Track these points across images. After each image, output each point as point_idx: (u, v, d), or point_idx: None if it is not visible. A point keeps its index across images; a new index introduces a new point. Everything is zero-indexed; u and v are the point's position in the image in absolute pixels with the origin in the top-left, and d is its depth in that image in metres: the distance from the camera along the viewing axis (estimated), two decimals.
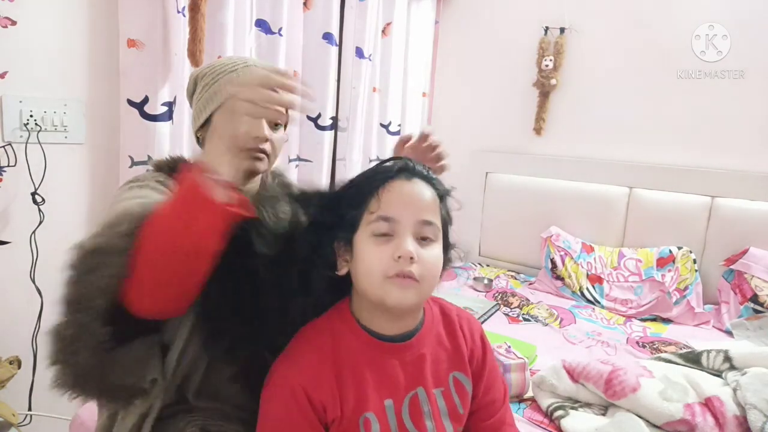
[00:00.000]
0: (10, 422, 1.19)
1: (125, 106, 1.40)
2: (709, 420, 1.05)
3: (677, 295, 1.88)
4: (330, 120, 2.08)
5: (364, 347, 0.73)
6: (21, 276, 1.31)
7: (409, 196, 0.71)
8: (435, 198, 0.73)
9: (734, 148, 2.02)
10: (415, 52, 2.51)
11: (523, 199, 2.42)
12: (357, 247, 0.71)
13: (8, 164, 1.26)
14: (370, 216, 0.70)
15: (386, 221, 0.69)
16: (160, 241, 0.67)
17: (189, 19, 1.42)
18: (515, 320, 1.83)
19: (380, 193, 0.70)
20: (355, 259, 0.71)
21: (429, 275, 0.70)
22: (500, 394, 0.83)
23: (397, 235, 0.69)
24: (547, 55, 2.32)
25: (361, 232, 0.71)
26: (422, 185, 0.73)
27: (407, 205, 0.70)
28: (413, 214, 0.70)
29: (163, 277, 0.67)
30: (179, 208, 0.67)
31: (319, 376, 0.70)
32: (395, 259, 0.67)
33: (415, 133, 1.03)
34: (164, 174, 0.92)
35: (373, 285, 0.69)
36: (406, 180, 0.72)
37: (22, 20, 1.24)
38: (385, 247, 0.69)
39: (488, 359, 0.83)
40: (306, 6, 1.94)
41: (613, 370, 1.16)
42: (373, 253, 0.69)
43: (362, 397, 0.70)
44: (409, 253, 0.67)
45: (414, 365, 0.75)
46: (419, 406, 0.74)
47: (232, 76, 0.92)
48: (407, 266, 0.67)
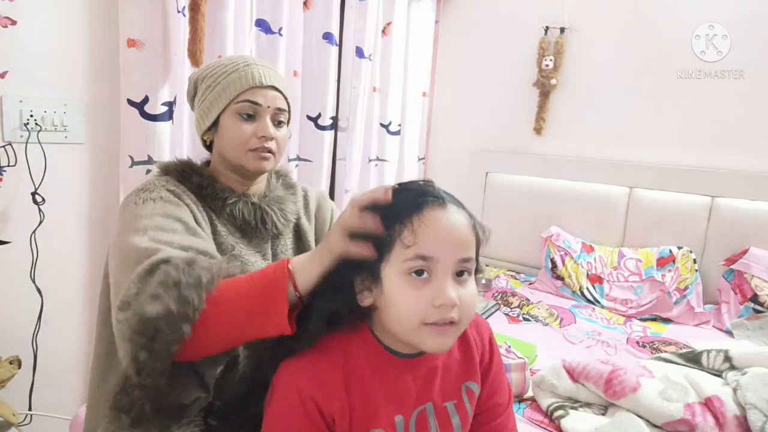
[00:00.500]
0: (11, 422, 1.19)
1: (125, 106, 1.40)
2: (709, 420, 1.05)
3: (677, 294, 1.88)
4: (330, 120, 2.08)
5: (376, 361, 0.69)
6: (21, 276, 1.31)
7: (447, 232, 0.63)
8: (471, 228, 0.66)
9: (734, 148, 2.02)
10: (415, 51, 2.51)
11: (523, 199, 2.42)
12: (387, 283, 0.64)
13: (8, 164, 1.26)
14: (404, 251, 0.62)
15: (424, 260, 0.62)
16: (219, 313, 0.69)
17: (189, 19, 1.42)
18: (515, 320, 1.83)
19: (414, 225, 0.62)
20: (386, 297, 0.64)
21: (467, 316, 0.65)
22: (504, 398, 0.82)
23: (435, 276, 0.62)
24: (548, 54, 2.32)
25: (391, 266, 0.63)
26: (458, 214, 0.65)
27: (446, 242, 0.63)
28: (454, 252, 0.63)
29: (213, 347, 0.73)
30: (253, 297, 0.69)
31: (329, 387, 0.67)
32: (435, 307, 0.61)
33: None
34: (173, 179, 0.92)
35: (408, 330, 0.63)
36: (440, 209, 0.64)
37: (22, 20, 1.24)
38: (423, 291, 0.62)
39: (495, 362, 0.81)
40: (306, 6, 1.94)
41: (613, 369, 1.16)
42: (409, 297, 0.62)
43: (372, 413, 0.68)
44: (453, 300, 0.61)
45: (425, 379, 0.72)
46: (426, 421, 0.72)
47: (234, 77, 0.93)
48: (449, 313, 0.62)
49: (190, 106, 1.03)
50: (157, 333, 0.66)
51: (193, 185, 0.93)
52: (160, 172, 0.95)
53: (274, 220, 0.98)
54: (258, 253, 0.97)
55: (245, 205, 0.95)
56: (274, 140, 0.94)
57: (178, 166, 0.95)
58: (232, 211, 0.93)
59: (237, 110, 0.92)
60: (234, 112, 0.93)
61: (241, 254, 0.93)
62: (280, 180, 1.09)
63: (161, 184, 0.89)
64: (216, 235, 0.91)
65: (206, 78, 0.95)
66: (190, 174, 0.94)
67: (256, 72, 0.93)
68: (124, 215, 0.84)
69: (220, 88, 0.92)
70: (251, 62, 0.95)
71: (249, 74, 0.92)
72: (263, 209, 0.97)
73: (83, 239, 1.43)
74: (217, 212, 0.94)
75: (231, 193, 0.94)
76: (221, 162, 0.97)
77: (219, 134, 0.95)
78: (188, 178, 0.93)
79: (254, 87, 0.92)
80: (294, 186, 1.10)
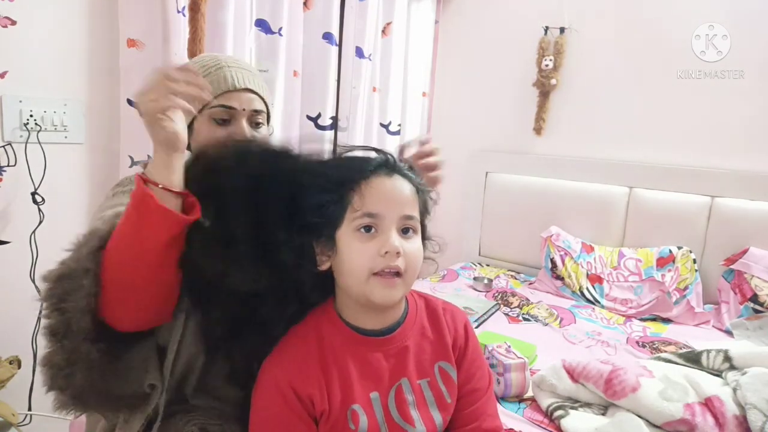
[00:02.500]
0: (10, 422, 1.19)
1: (125, 106, 1.41)
2: (709, 420, 1.05)
3: (677, 294, 1.88)
4: (330, 120, 2.08)
5: (348, 342, 0.75)
6: (21, 276, 1.31)
7: (391, 193, 0.72)
8: (414, 192, 0.75)
9: (734, 148, 2.02)
10: (415, 51, 2.51)
11: (523, 199, 2.41)
12: (341, 242, 0.72)
13: (8, 164, 1.26)
14: (354, 212, 0.71)
15: (371, 217, 0.70)
16: (118, 252, 0.68)
17: (189, 19, 1.42)
18: (515, 320, 1.83)
19: (363, 189, 0.71)
20: (339, 255, 0.72)
21: (412, 268, 0.72)
22: (483, 383, 0.83)
23: (381, 230, 0.70)
24: (547, 54, 2.32)
25: (344, 228, 0.72)
26: (402, 181, 0.74)
27: (390, 201, 0.71)
28: (396, 209, 0.71)
29: (129, 288, 0.69)
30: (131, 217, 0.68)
31: (305, 371, 0.72)
32: (381, 255, 0.69)
33: (415, 138, 1.02)
34: None
35: (359, 281, 0.70)
36: (386, 176, 0.73)
37: (22, 20, 1.24)
38: (370, 244, 0.70)
39: (470, 349, 0.84)
40: (306, 6, 1.94)
41: (613, 369, 1.16)
42: (358, 249, 0.70)
43: (348, 391, 0.72)
44: (396, 248, 0.69)
45: (397, 357, 0.76)
46: (404, 397, 0.75)
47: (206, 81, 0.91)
48: (393, 261, 0.69)
49: None
50: (64, 293, 0.67)
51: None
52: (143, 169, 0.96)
53: None
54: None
55: None
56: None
57: None
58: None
59: (211, 115, 0.90)
60: (208, 117, 0.90)
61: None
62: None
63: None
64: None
65: None
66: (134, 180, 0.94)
67: (229, 75, 0.91)
68: (98, 208, 0.88)
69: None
70: (224, 64, 0.92)
71: (221, 78, 0.90)
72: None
73: None
74: None
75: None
76: None
77: (193, 139, 0.92)
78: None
79: (227, 91, 0.90)
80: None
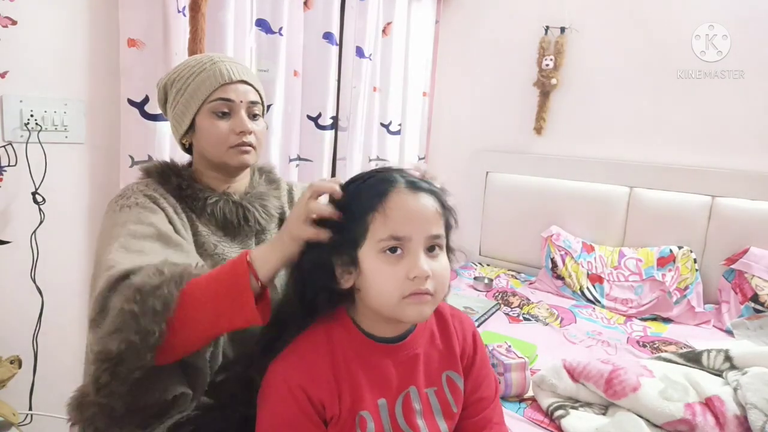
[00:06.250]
0: (11, 422, 1.19)
1: (125, 106, 1.40)
2: (709, 419, 1.05)
3: (678, 294, 1.89)
4: (330, 119, 2.08)
5: (359, 348, 0.74)
6: (21, 276, 1.31)
7: (416, 212, 0.69)
8: (438, 208, 0.72)
9: (734, 148, 2.02)
10: (415, 51, 2.51)
11: (523, 199, 2.42)
12: (365, 263, 0.69)
13: (8, 164, 1.26)
14: (378, 233, 0.68)
15: (397, 240, 0.67)
16: (191, 328, 0.71)
17: (189, 19, 1.42)
18: (515, 320, 1.83)
19: (386, 209, 0.68)
20: (364, 275, 0.69)
21: (441, 287, 0.70)
22: (490, 392, 0.83)
23: (408, 252, 0.68)
24: (548, 54, 2.32)
25: (367, 248, 0.69)
26: (426, 198, 0.71)
27: (415, 221, 0.68)
28: (423, 230, 0.68)
29: (184, 347, 0.74)
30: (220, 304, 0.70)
31: (317, 375, 0.71)
32: (410, 279, 0.67)
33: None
34: (154, 182, 0.93)
35: (389, 305, 0.68)
36: (411, 193, 0.70)
37: (22, 20, 1.24)
38: (397, 267, 0.67)
39: (478, 357, 0.83)
40: (306, 5, 1.94)
41: (614, 369, 1.16)
42: (385, 274, 0.68)
43: (358, 396, 0.72)
44: (425, 272, 0.67)
45: (406, 365, 0.76)
46: (411, 405, 0.75)
47: (203, 77, 0.92)
48: (423, 285, 0.67)
49: (162, 112, 1.02)
50: (121, 361, 0.67)
51: (173, 186, 0.93)
52: (142, 174, 0.96)
53: (256, 217, 0.98)
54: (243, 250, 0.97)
55: (226, 204, 0.95)
56: (253, 134, 0.95)
57: (158, 168, 0.96)
58: (213, 210, 0.94)
59: (211, 109, 0.92)
60: (208, 111, 0.92)
61: (224, 253, 0.94)
62: (264, 176, 1.09)
63: (139, 189, 0.90)
64: (197, 236, 0.92)
65: (175, 82, 0.94)
66: (169, 175, 0.94)
67: (224, 68, 0.93)
68: (104, 222, 0.88)
69: (191, 90, 0.92)
70: (217, 59, 0.94)
71: (217, 72, 0.92)
72: (245, 207, 0.97)
73: (83, 239, 1.43)
74: (198, 212, 0.94)
75: (211, 193, 0.95)
76: (202, 162, 0.97)
77: (197, 136, 0.94)
78: (168, 179, 0.94)
79: (224, 84, 0.92)
80: (277, 181, 1.11)
